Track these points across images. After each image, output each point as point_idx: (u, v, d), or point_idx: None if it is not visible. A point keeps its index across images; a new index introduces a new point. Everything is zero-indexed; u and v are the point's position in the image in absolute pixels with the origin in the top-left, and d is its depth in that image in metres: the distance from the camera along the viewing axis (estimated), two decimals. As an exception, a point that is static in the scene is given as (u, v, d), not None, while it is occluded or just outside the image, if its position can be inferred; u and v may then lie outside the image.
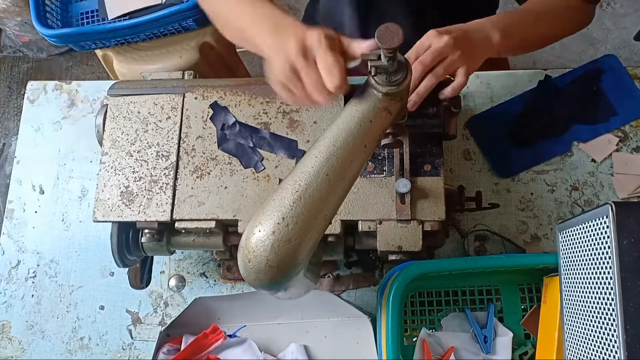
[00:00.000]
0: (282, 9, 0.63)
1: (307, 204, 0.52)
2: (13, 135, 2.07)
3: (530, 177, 0.94)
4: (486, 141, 0.96)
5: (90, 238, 0.97)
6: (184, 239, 0.80)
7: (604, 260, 0.60)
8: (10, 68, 2.20)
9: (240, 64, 1.48)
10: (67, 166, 1.02)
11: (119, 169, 0.78)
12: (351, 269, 0.92)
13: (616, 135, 0.95)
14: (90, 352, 0.91)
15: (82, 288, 0.95)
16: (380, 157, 0.77)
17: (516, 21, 0.81)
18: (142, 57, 1.25)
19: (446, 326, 0.83)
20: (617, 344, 0.57)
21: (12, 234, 0.99)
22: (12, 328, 0.94)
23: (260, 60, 0.62)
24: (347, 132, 0.56)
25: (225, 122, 0.79)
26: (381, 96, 0.57)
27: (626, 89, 0.96)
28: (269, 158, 0.77)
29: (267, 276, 0.51)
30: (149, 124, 0.80)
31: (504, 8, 2.08)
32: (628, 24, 2.03)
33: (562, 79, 0.98)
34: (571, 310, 0.68)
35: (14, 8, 1.88)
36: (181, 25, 1.20)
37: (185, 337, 0.82)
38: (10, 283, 0.96)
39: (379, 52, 0.54)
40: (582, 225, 0.67)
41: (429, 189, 0.74)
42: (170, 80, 0.83)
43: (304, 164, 0.55)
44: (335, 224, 0.73)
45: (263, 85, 0.80)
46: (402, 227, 0.73)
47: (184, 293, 0.94)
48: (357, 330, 0.82)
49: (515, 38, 0.80)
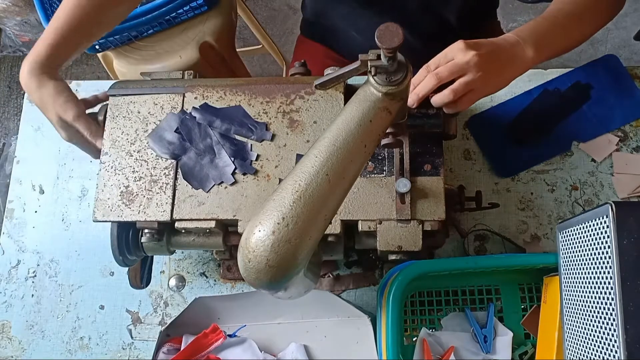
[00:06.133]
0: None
1: (307, 204, 0.52)
2: (13, 135, 2.07)
3: (530, 177, 0.94)
4: (486, 141, 0.96)
5: (90, 238, 0.97)
6: (184, 238, 0.80)
7: (604, 260, 0.60)
8: (10, 68, 2.20)
9: (240, 64, 1.48)
10: (67, 166, 1.02)
11: (119, 169, 0.78)
12: (351, 269, 0.92)
13: (616, 135, 0.95)
14: (90, 352, 0.92)
15: (82, 288, 0.95)
16: (380, 157, 0.77)
17: (550, 31, 0.74)
18: (142, 57, 1.25)
19: (446, 326, 0.83)
20: (617, 344, 0.57)
21: (12, 234, 0.99)
22: (12, 328, 0.94)
23: (260, 60, 0.62)
24: (347, 132, 0.56)
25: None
26: (381, 96, 0.57)
27: (626, 89, 0.96)
28: (269, 158, 0.77)
29: (267, 276, 0.51)
30: (149, 124, 0.80)
31: (504, 8, 2.08)
32: (628, 24, 2.03)
33: (562, 79, 0.98)
34: (571, 310, 0.68)
35: (14, 8, 1.88)
36: (191, 8, 1.21)
37: (185, 337, 0.82)
38: (10, 283, 0.96)
39: (379, 51, 0.54)
40: (582, 225, 0.67)
41: (429, 189, 0.74)
42: (170, 80, 0.83)
43: (304, 164, 0.55)
44: (335, 224, 0.73)
45: (263, 85, 0.80)
46: (402, 227, 0.73)
47: (184, 293, 0.94)
48: (357, 330, 0.82)
49: (550, 49, 0.74)
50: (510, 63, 0.71)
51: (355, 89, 0.60)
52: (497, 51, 0.70)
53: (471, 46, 0.68)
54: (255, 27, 1.62)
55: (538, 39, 0.72)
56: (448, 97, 0.69)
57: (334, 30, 1.17)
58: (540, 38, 0.72)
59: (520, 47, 0.71)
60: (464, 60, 0.67)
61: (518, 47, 0.71)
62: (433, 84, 0.69)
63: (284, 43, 2.06)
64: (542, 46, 0.72)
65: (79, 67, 2.17)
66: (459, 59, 0.68)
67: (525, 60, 0.72)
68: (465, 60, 0.67)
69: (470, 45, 0.69)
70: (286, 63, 1.81)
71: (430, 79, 0.69)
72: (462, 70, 0.68)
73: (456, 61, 0.68)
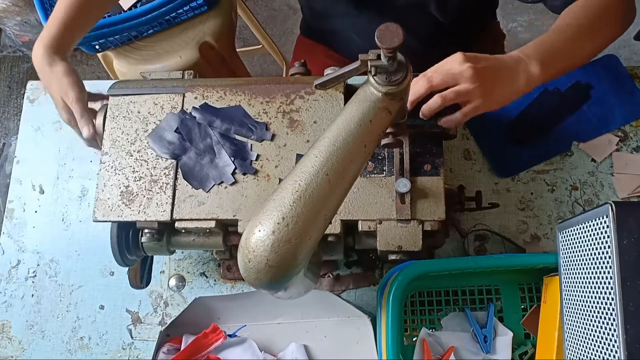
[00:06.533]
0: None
1: (307, 204, 0.52)
2: (13, 135, 2.07)
3: (530, 177, 0.94)
4: (486, 141, 0.96)
5: (90, 238, 0.97)
6: (184, 238, 0.80)
7: (604, 260, 0.60)
8: (10, 68, 2.20)
9: (240, 63, 1.48)
10: (67, 166, 1.02)
11: (119, 169, 0.78)
12: (351, 269, 0.92)
13: (616, 135, 0.95)
14: (90, 351, 0.91)
15: (82, 288, 0.95)
16: (380, 157, 0.77)
17: (556, 48, 0.73)
18: (142, 57, 1.25)
19: (446, 326, 0.83)
20: (617, 344, 0.57)
21: (12, 234, 0.99)
22: (12, 328, 0.94)
23: (260, 60, 0.62)
24: (347, 132, 0.56)
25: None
26: (381, 96, 0.57)
27: (626, 89, 0.96)
28: (269, 158, 0.77)
29: (267, 276, 0.51)
30: (149, 124, 0.80)
31: (504, 8, 2.08)
32: (628, 24, 2.03)
33: (562, 79, 0.97)
34: (571, 310, 0.68)
35: (14, 8, 1.88)
36: (191, 8, 1.22)
37: (185, 336, 0.82)
38: (10, 283, 0.96)
39: (379, 51, 0.54)
40: (582, 224, 0.67)
41: (429, 189, 0.74)
42: (170, 80, 0.83)
43: (304, 164, 0.55)
44: (335, 224, 0.73)
45: (263, 85, 0.80)
46: (402, 226, 0.73)
47: (184, 293, 0.94)
48: (357, 330, 0.82)
49: (558, 64, 0.73)
50: (512, 79, 0.70)
51: (355, 89, 0.60)
52: (497, 66, 0.69)
53: (469, 58, 0.68)
54: (255, 27, 1.62)
55: (544, 55, 0.71)
56: (436, 103, 0.69)
57: (333, 30, 1.17)
58: (545, 54, 0.71)
59: (524, 64, 0.70)
60: (459, 69, 0.67)
61: (521, 64, 0.70)
62: (425, 87, 0.69)
63: (284, 43, 2.06)
64: (548, 62, 0.71)
65: (79, 67, 2.17)
66: (454, 68, 0.68)
67: (530, 77, 0.70)
68: (460, 70, 0.67)
69: (469, 57, 0.68)
70: (286, 63, 1.81)
71: (422, 82, 0.69)
72: (455, 79, 0.68)
73: (450, 70, 0.68)
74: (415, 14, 1.02)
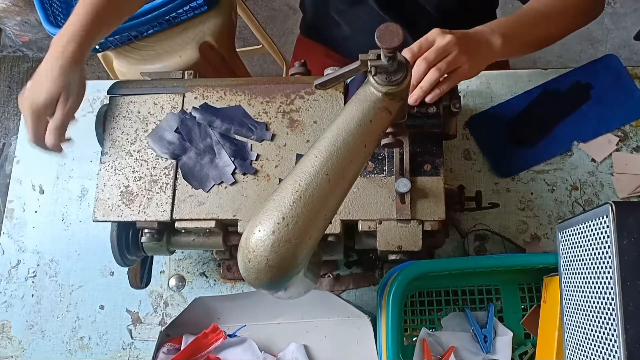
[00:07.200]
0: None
1: (307, 204, 0.52)
2: (13, 135, 2.07)
3: (530, 177, 0.94)
4: (486, 141, 0.96)
5: (90, 238, 0.97)
6: (184, 238, 0.80)
7: (604, 260, 0.60)
8: (10, 68, 2.20)
9: (240, 63, 1.48)
10: (67, 166, 1.02)
11: (119, 169, 0.78)
12: (351, 269, 0.92)
13: (616, 135, 0.95)
14: (90, 351, 0.91)
15: (82, 288, 0.95)
16: (380, 157, 0.77)
17: (517, 24, 0.80)
18: (142, 57, 1.25)
19: (446, 326, 0.83)
20: (617, 344, 0.57)
21: (12, 234, 0.99)
22: (12, 328, 0.94)
23: (260, 60, 0.62)
24: (347, 132, 0.56)
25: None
26: (381, 96, 0.57)
27: (626, 89, 0.96)
28: (269, 158, 0.77)
29: (267, 276, 0.51)
30: (149, 124, 0.80)
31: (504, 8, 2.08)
32: (628, 24, 2.03)
33: (562, 79, 0.98)
34: (571, 310, 0.68)
35: (14, 8, 1.88)
36: (191, 8, 1.22)
37: (185, 336, 0.82)
38: (10, 283, 0.96)
39: (379, 51, 0.54)
40: (582, 224, 0.67)
41: (429, 189, 0.74)
42: (170, 80, 0.83)
43: (304, 164, 0.55)
44: (335, 224, 0.73)
45: (263, 85, 0.80)
46: (402, 226, 0.73)
47: (184, 293, 0.94)
48: (357, 330, 0.82)
49: (517, 41, 0.79)
50: (481, 47, 0.75)
51: (354, 89, 0.60)
52: (469, 35, 0.74)
53: (446, 31, 0.72)
54: (255, 27, 1.62)
55: (506, 30, 0.77)
56: (435, 75, 0.71)
57: (333, 30, 1.17)
58: (508, 30, 0.77)
59: (489, 34, 0.76)
60: (445, 41, 0.71)
61: (487, 34, 0.76)
62: (423, 68, 0.71)
63: (284, 43, 2.06)
64: (509, 37, 0.76)
65: (79, 67, 2.17)
66: (440, 42, 0.71)
67: (493, 47, 0.76)
68: (446, 42, 0.71)
69: (444, 30, 0.72)
70: (286, 63, 1.81)
71: (419, 64, 0.71)
72: (446, 50, 0.71)
73: (438, 43, 0.71)
74: (414, 13, 1.02)
